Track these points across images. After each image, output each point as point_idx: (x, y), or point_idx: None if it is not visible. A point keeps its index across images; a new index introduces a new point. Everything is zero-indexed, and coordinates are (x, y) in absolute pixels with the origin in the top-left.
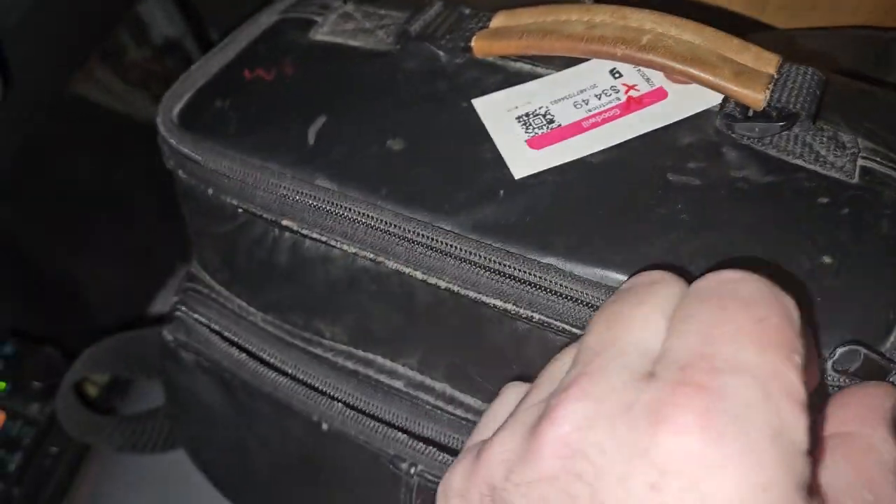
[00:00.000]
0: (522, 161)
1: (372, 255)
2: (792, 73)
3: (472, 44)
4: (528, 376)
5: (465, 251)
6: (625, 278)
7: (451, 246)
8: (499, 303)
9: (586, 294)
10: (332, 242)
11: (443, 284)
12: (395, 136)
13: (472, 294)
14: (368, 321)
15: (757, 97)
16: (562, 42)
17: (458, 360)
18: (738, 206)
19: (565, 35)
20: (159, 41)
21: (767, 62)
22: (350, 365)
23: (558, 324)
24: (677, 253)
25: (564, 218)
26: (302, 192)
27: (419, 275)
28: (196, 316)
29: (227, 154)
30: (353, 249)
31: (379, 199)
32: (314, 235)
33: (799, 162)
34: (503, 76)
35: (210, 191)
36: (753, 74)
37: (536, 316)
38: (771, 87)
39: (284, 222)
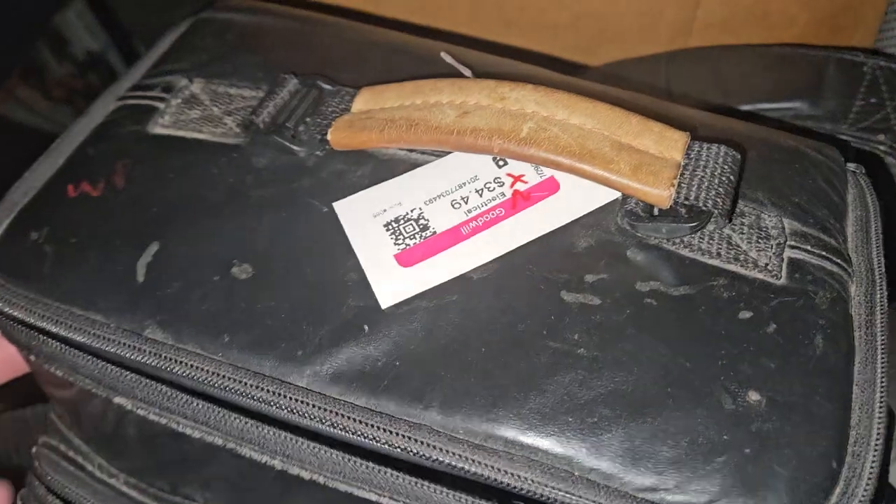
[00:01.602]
0: (390, 284)
1: (220, 440)
2: (702, 156)
3: (329, 136)
4: None
5: (320, 417)
6: (515, 437)
7: (302, 412)
8: (373, 497)
9: (468, 460)
10: (175, 424)
11: (305, 475)
12: (241, 261)
13: (340, 487)
14: (244, 489)
15: (661, 195)
16: (429, 135)
17: None
18: (646, 332)
19: (433, 126)
20: (81, 56)
21: (672, 145)
22: None
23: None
24: (574, 401)
25: (439, 360)
26: (129, 355)
27: (277, 463)
28: (47, 482)
29: (41, 305)
30: (198, 433)
31: (220, 350)
32: (152, 417)
33: (716, 262)
34: (372, 167)
35: (31, 357)
36: (655, 165)
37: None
38: (676, 181)
39: (116, 400)
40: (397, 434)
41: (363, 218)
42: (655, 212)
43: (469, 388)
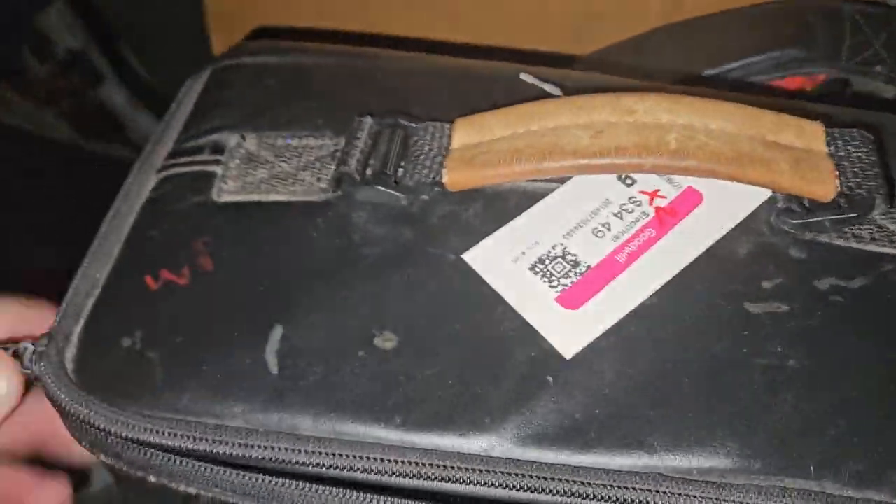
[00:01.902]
0: (565, 330)
1: None
2: (844, 143)
3: (444, 178)
4: None
5: (537, 487)
6: (753, 468)
7: (515, 485)
8: None
9: (707, 502)
10: None
11: None
12: (380, 330)
13: None
14: None
15: (827, 189)
16: (568, 161)
17: None
18: (846, 332)
19: (570, 152)
20: (62, 55)
21: (813, 136)
22: None
23: None
24: (806, 419)
25: (646, 400)
26: (286, 459)
27: None
28: None
29: (163, 420)
30: None
31: (396, 434)
32: None
33: (874, 248)
34: (482, 204)
35: (151, 478)
36: (811, 160)
37: None
38: (837, 173)
39: None
40: (632, 489)
41: (502, 264)
42: (808, 205)
43: (689, 425)
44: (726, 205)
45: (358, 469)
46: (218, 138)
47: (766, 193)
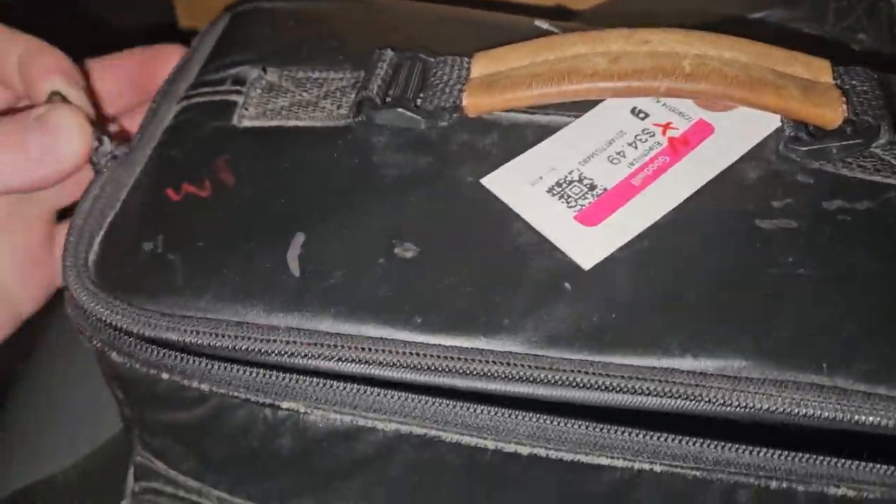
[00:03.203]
0: (581, 244)
1: (419, 429)
2: (849, 78)
3: (464, 102)
4: None
5: (553, 379)
6: (771, 366)
7: (530, 374)
8: (605, 461)
9: (724, 393)
10: (358, 419)
11: (524, 451)
12: (400, 240)
13: (565, 457)
14: (410, 494)
15: (834, 116)
16: (586, 84)
17: None
18: (852, 245)
19: (589, 74)
20: None
21: (820, 70)
22: None
23: (685, 470)
24: (818, 320)
25: (661, 305)
26: (306, 353)
27: (490, 444)
28: None
29: (188, 318)
30: (391, 426)
31: (415, 333)
32: (331, 415)
33: (878, 178)
34: (499, 134)
35: (164, 375)
36: (820, 89)
37: (657, 467)
38: (844, 101)
39: (285, 405)
40: (649, 380)
41: (520, 187)
42: (815, 133)
43: (704, 327)
44: (736, 135)
45: (376, 363)
46: (239, 72)
47: (774, 124)
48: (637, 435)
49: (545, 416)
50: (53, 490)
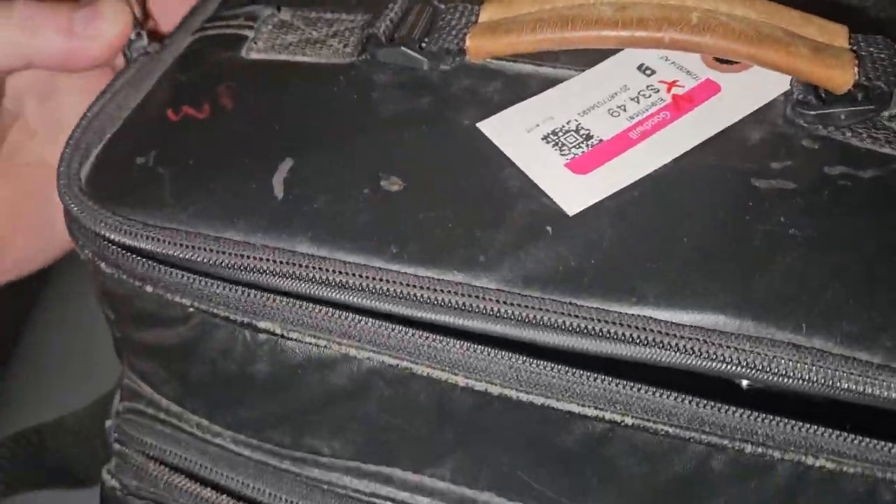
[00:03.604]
0: (571, 190)
1: (392, 360)
2: (865, 45)
3: (467, 44)
4: (607, 477)
5: (523, 317)
6: (746, 323)
7: (502, 310)
8: (574, 408)
9: (696, 344)
10: (332, 345)
11: (495, 391)
12: (387, 174)
13: (536, 400)
14: (382, 431)
15: (845, 76)
16: (589, 31)
17: (506, 467)
18: (854, 211)
19: (593, 21)
20: None
21: (836, 35)
22: (362, 486)
23: (658, 425)
24: (803, 280)
25: (643, 253)
26: (281, 272)
27: (460, 380)
28: (144, 449)
29: (168, 230)
30: (364, 354)
31: (390, 261)
32: (306, 339)
33: (888, 150)
34: (502, 82)
35: (148, 287)
36: (832, 51)
37: (629, 419)
38: (856, 64)
39: (262, 325)
40: (622, 326)
41: (515, 133)
42: (825, 97)
43: (684, 278)
44: (743, 95)
45: (350, 287)
46: (253, 10)
47: (783, 86)
48: (609, 383)
49: (517, 356)
50: (62, 430)
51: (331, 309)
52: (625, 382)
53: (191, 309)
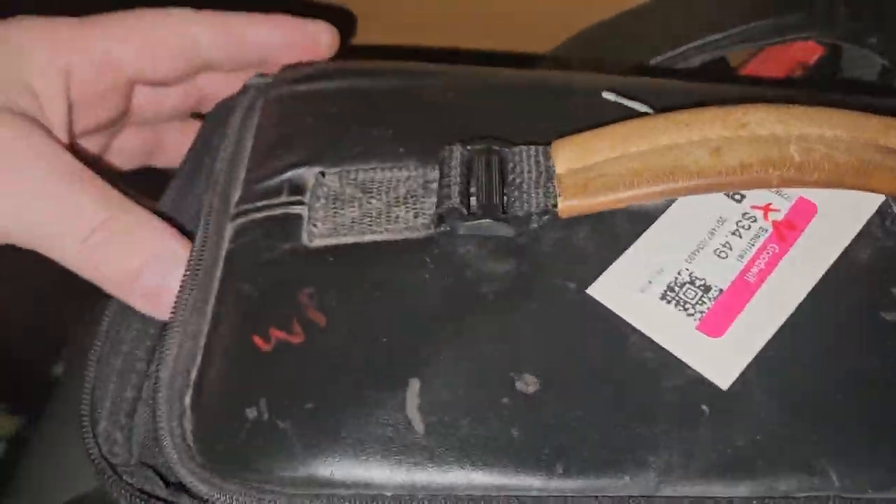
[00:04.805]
0: (712, 358)
1: None
2: None
3: (560, 206)
4: None
5: None
6: None
7: None
8: None
9: None
10: None
11: None
12: (518, 373)
13: None
14: None
15: None
16: (693, 182)
17: None
18: None
19: (695, 172)
20: None
21: None
22: None
23: None
24: None
25: (807, 422)
26: None
27: None
28: None
29: (315, 497)
30: None
31: (562, 485)
32: None
33: None
34: (589, 227)
35: None
36: None
37: None
38: None
39: None
40: None
41: (630, 296)
42: None
43: (852, 442)
44: (841, 213)
45: None
46: (293, 176)
47: (879, 198)
48: None
49: None
50: None
51: None
52: None
53: None
